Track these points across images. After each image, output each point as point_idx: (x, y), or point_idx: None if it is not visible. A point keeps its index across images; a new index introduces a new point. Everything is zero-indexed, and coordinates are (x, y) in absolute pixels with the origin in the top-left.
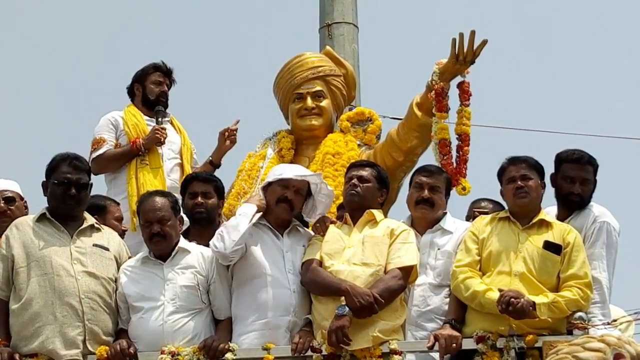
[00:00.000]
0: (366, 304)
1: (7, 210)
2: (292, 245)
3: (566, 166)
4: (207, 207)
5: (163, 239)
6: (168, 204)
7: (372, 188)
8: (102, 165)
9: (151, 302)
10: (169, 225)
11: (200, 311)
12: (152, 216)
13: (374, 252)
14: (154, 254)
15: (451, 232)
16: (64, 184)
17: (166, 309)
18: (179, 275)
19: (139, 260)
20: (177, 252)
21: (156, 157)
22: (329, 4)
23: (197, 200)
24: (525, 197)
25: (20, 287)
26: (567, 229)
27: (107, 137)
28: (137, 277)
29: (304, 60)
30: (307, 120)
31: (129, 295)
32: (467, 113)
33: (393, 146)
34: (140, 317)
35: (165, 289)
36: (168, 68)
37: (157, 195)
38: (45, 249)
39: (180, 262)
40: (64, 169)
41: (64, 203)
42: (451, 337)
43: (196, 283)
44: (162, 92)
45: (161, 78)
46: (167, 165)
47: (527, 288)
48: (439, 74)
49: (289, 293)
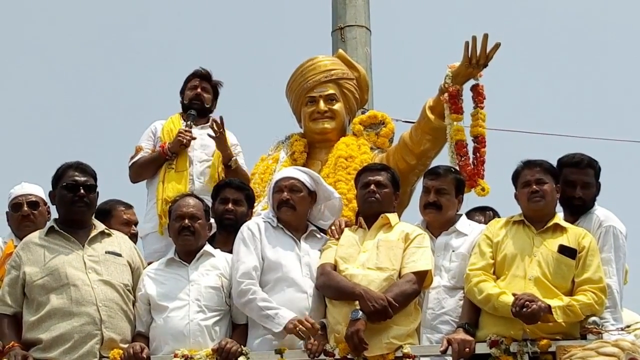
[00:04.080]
0: (380, 308)
1: (30, 214)
2: (309, 249)
3: (567, 170)
4: (236, 215)
5: (192, 235)
6: (201, 206)
7: (389, 193)
8: (136, 172)
9: (176, 301)
10: (199, 223)
11: (225, 314)
12: (185, 211)
13: (389, 256)
14: (179, 253)
15: (466, 234)
16: (72, 186)
17: (191, 308)
18: (203, 276)
19: (163, 263)
20: (202, 255)
21: (183, 160)
22: (341, 7)
23: (228, 206)
24: (540, 201)
25: (37, 300)
26: (582, 233)
27: (145, 145)
28: (161, 278)
29: (316, 63)
30: (319, 124)
31: (152, 296)
32: (482, 115)
33: (406, 149)
34: (165, 316)
35: (190, 289)
36: (204, 72)
37: (192, 196)
38: (59, 261)
39: (204, 264)
40: (71, 173)
41: (74, 205)
42: (464, 341)
43: (220, 285)
44: (195, 95)
45: (196, 82)
46: (198, 168)
47: (541, 292)
48: (452, 77)
49: (305, 297)
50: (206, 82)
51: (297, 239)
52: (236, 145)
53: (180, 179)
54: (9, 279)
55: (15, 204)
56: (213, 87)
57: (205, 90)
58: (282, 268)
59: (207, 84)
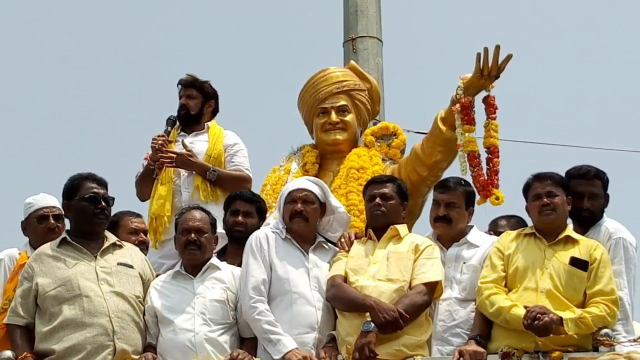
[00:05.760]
0: (391, 320)
1: (55, 227)
2: (317, 261)
3: (574, 182)
4: (246, 227)
5: (198, 249)
6: (207, 219)
7: (395, 205)
8: (137, 189)
9: (181, 314)
10: (205, 237)
11: (230, 327)
12: (191, 225)
13: (399, 267)
14: (185, 266)
15: (477, 246)
16: (93, 199)
17: (197, 322)
18: (209, 289)
19: (170, 275)
20: (208, 268)
21: (168, 172)
22: (353, 18)
23: (238, 218)
24: (550, 214)
25: (49, 310)
26: (594, 245)
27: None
28: (167, 291)
29: (328, 74)
30: (331, 135)
31: (158, 309)
32: (494, 126)
33: (417, 161)
34: (170, 329)
35: (195, 302)
36: (187, 78)
37: (198, 209)
38: (71, 272)
39: (210, 277)
40: (89, 185)
41: (96, 218)
42: (476, 353)
43: (225, 298)
44: (181, 105)
45: (181, 92)
46: (186, 178)
47: (553, 304)
48: (464, 88)
49: (314, 310)
50: (190, 89)
51: (306, 250)
52: (233, 145)
53: (165, 190)
54: (22, 290)
55: (42, 216)
56: (199, 89)
57: (190, 97)
58: (290, 282)
59: (191, 90)
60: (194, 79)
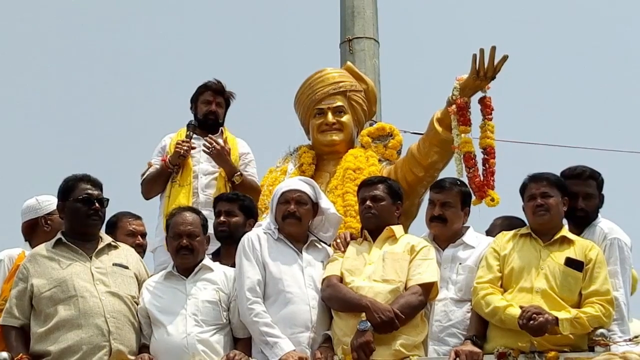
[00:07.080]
0: (387, 320)
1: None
2: (311, 260)
3: (569, 182)
4: (229, 226)
5: (190, 253)
6: (198, 221)
7: (386, 206)
8: (145, 188)
9: (173, 316)
10: (197, 240)
11: (222, 328)
12: (183, 229)
13: (394, 268)
14: (178, 269)
15: (473, 247)
16: (87, 200)
17: (189, 323)
18: (201, 290)
19: (163, 276)
20: (201, 269)
21: (187, 174)
22: (349, 19)
23: (220, 219)
24: (544, 214)
25: (45, 311)
26: (589, 246)
27: (155, 161)
28: (159, 292)
29: (324, 75)
30: (328, 136)
31: (150, 310)
32: (490, 127)
33: (414, 161)
34: (162, 331)
35: (187, 303)
36: (218, 86)
37: (189, 211)
38: (67, 273)
39: (202, 278)
40: (84, 186)
41: (90, 219)
42: (472, 353)
43: (218, 299)
44: (209, 112)
45: (210, 97)
46: (203, 181)
47: (548, 305)
48: (460, 89)
49: (308, 309)
50: (220, 97)
51: (299, 250)
52: (247, 154)
53: (183, 193)
54: (17, 291)
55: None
56: (226, 99)
57: (219, 105)
58: (283, 281)
59: (220, 98)
60: (224, 87)
